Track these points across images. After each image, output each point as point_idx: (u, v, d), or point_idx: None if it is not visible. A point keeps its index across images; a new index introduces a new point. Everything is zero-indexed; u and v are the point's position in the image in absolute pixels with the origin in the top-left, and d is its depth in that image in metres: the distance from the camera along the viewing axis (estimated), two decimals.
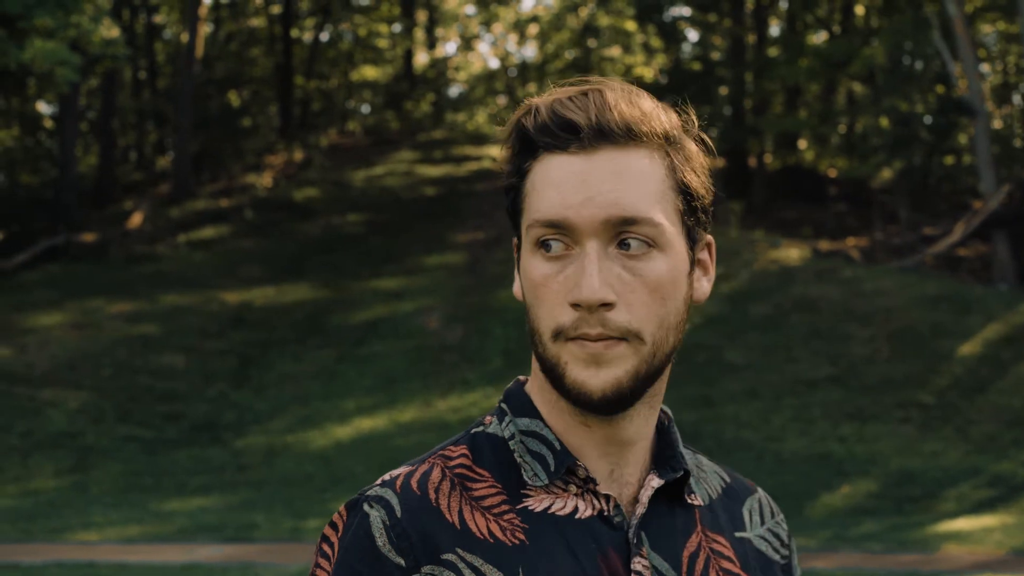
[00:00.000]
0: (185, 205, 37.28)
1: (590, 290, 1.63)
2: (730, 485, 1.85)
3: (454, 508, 1.72)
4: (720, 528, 1.79)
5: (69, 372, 26.18)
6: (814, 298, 28.20)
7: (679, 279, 1.69)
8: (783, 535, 1.89)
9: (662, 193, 1.67)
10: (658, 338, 1.67)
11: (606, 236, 1.65)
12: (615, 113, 1.67)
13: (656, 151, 1.68)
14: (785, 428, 23.33)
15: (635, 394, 1.67)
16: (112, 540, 17.05)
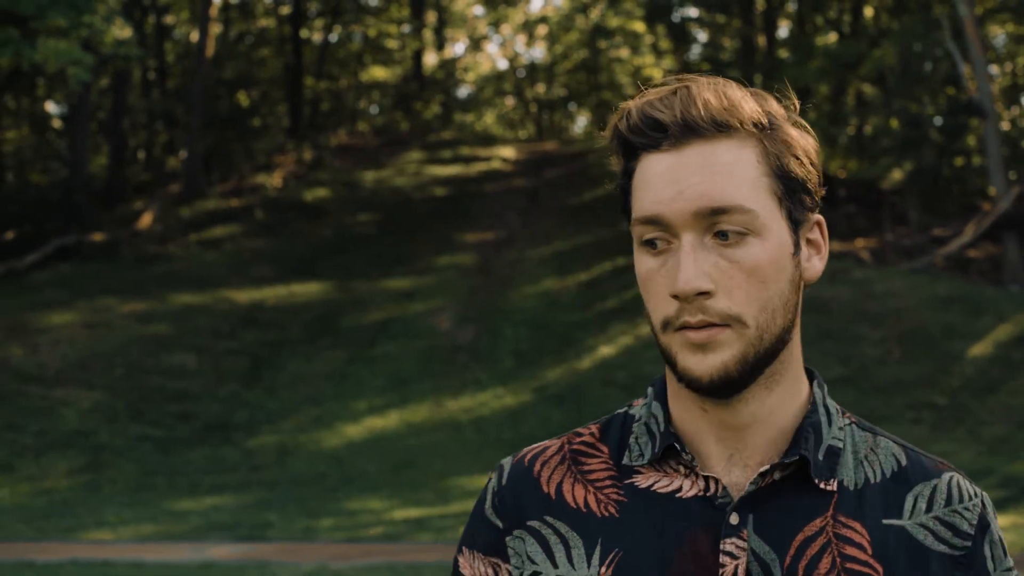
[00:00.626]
0: (195, 205, 37.31)
1: (684, 281, 1.69)
2: (904, 468, 1.82)
3: (554, 480, 1.86)
4: (863, 514, 1.78)
5: (81, 372, 26.22)
6: (825, 299, 28.20)
7: (780, 262, 1.74)
8: (962, 524, 1.79)
9: (754, 180, 1.73)
10: (762, 321, 1.72)
11: (700, 227, 1.72)
12: (700, 107, 1.73)
13: (747, 139, 1.75)
14: None
15: (745, 377, 1.74)
16: (126, 539, 17.09)
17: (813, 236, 1.81)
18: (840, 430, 1.82)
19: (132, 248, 33.98)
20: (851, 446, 1.82)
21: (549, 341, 28.06)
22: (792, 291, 1.76)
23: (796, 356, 1.81)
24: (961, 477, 1.83)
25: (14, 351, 26.75)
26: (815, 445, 1.78)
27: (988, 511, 1.83)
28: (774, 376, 1.78)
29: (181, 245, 34.44)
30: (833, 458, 1.79)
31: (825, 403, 1.84)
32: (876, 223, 36.00)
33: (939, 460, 1.85)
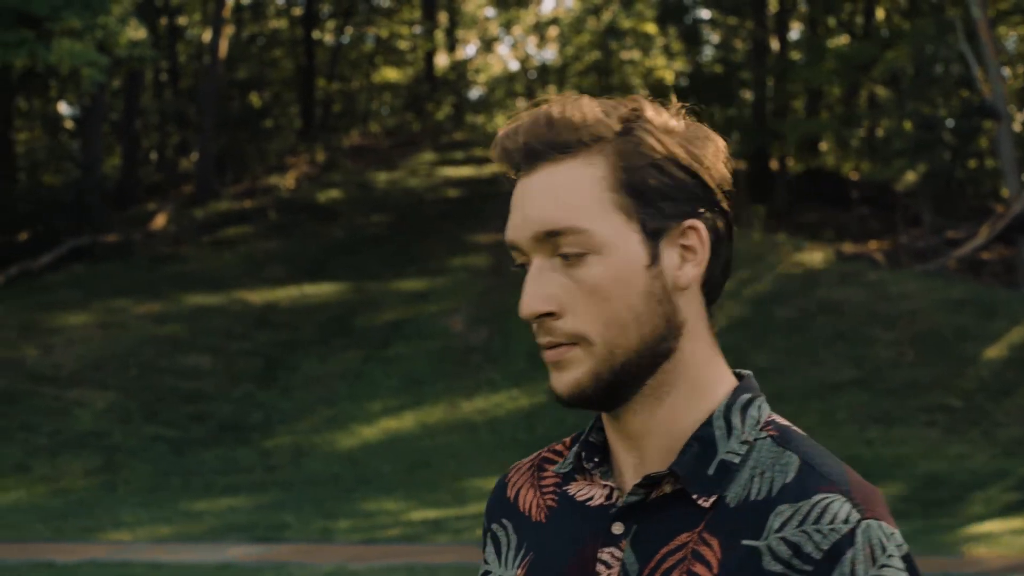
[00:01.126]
0: (208, 206, 37.35)
1: (524, 305, 1.73)
2: (785, 486, 1.70)
3: (517, 485, 1.94)
4: (725, 533, 1.70)
5: (95, 372, 26.25)
6: (838, 301, 28.19)
7: (625, 277, 1.72)
8: (806, 546, 1.65)
9: (595, 197, 1.73)
10: (608, 337, 1.72)
11: (545, 250, 1.74)
12: (541, 131, 1.75)
13: (593, 157, 1.74)
14: (811, 431, 23.13)
15: (603, 393, 1.73)
16: (143, 540, 17.12)
17: (688, 242, 1.76)
18: (743, 444, 1.76)
19: (145, 249, 34.02)
20: (753, 461, 1.75)
21: None
22: (649, 304, 1.74)
23: (694, 364, 1.79)
24: (843, 501, 1.67)
25: (28, 351, 26.78)
26: (700, 459, 1.75)
27: (856, 545, 1.65)
28: (662, 387, 1.76)
29: (194, 246, 34.46)
30: (723, 473, 1.74)
31: (728, 415, 1.78)
32: (889, 225, 35.97)
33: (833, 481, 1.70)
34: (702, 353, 1.79)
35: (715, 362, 1.82)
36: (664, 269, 1.74)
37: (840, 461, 1.75)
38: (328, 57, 48.86)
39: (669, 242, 1.75)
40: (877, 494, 1.72)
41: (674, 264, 1.75)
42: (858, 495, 1.69)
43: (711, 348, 1.81)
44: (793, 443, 1.76)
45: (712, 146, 1.80)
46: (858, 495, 1.69)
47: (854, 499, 1.68)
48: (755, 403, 1.82)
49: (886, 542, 1.65)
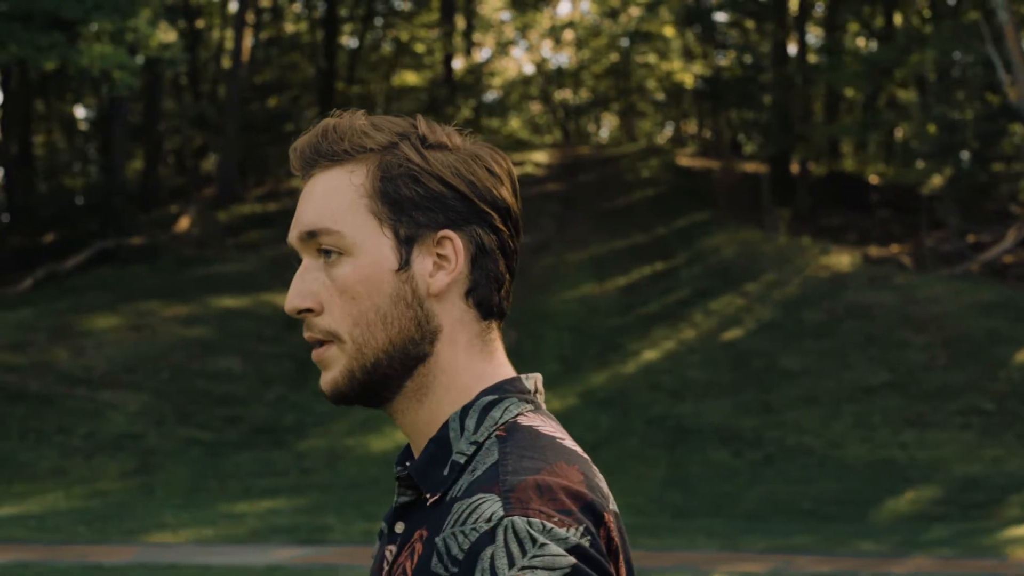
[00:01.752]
0: (232, 209, 37.36)
1: (287, 300, 1.84)
2: (471, 483, 1.74)
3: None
4: (432, 528, 1.76)
5: (127, 374, 26.25)
6: (867, 305, 28.17)
7: (373, 279, 1.80)
8: (453, 547, 1.69)
9: (350, 202, 1.82)
10: (356, 335, 1.80)
11: (310, 251, 1.85)
12: (316, 140, 1.87)
13: (356, 165, 1.84)
14: (846, 435, 23.32)
15: (357, 391, 1.82)
16: (187, 542, 17.09)
17: (444, 251, 1.83)
18: (472, 444, 1.79)
19: (170, 252, 34.03)
20: (477, 460, 1.78)
21: (592, 346, 28.06)
22: (397, 306, 1.81)
23: (449, 369, 1.83)
24: (493, 500, 1.68)
25: (59, 354, 26.78)
26: (435, 459, 1.81)
27: (496, 540, 1.65)
28: (420, 389, 1.83)
29: (219, 249, 34.48)
30: (454, 472, 1.79)
31: (464, 417, 1.81)
32: (910, 228, 35.94)
33: (501, 480, 1.71)
34: (462, 359, 1.83)
35: (478, 367, 1.84)
36: (415, 275, 1.82)
37: (549, 461, 1.73)
38: (347, 60, 48.85)
39: (423, 250, 1.82)
40: (557, 494, 1.69)
41: (426, 271, 1.82)
42: (517, 495, 1.68)
43: (473, 352, 1.85)
44: (508, 442, 1.77)
45: (482, 164, 1.87)
46: (517, 495, 1.68)
47: (508, 498, 1.67)
48: (501, 404, 1.82)
49: (537, 534, 1.64)
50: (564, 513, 1.68)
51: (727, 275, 31.07)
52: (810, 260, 31.14)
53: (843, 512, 19.57)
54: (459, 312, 1.84)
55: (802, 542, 17.29)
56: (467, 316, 1.84)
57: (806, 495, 20.48)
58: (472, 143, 1.90)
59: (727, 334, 27.94)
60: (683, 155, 45.76)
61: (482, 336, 1.86)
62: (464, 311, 1.84)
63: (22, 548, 16.31)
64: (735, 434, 23.55)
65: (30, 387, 25.41)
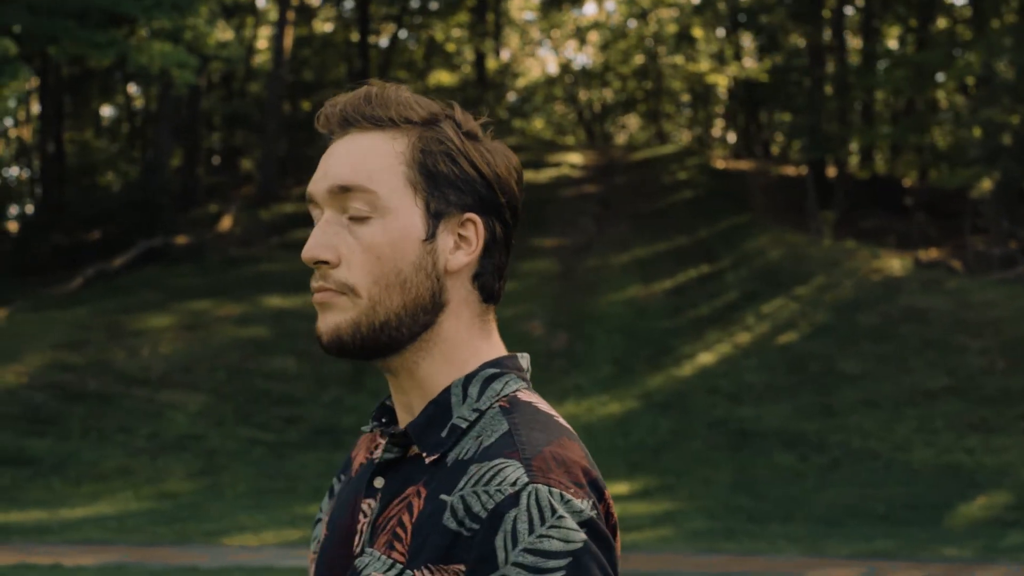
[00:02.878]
0: (273, 208, 37.34)
1: (306, 249, 1.92)
2: (483, 448, 1.86)
3: (359, 448, 2.16)
4: (434, 486, 1.86)
5: (185, 375, 26.21)
6: (922, 308, 28.10)
7: (400, 244, 1.90)
8: (475, 505, 1.80)
9: (389, 167, 1.91)
10: (374, 293, 1.89)
11: (336, 205, 1.92)
12: (360, 102, 1.95)
13: (398, 134, 1.94)
14: (910, 439, 23.25)
15: (358, 343, 1.91)
16: (271, 544, 17.04)
17: (465, 232, 1.94)
18: (474, 411, 1.91)
19: (216, 251, 34.00)
20: (479, 427, 1.90)
21: (644, 348, 28.00)
22: (417, 274, 1.91)
23: (450, 340, 1.94)
24: (516, 467, 1.80)
25: (116, 353, 26.73)
26: (434, 421, 1.91)
27: (520, 504, 1.77)
28: (419, 353, 1.93)
29: (263, 248, 34.44)
30: (452, 435, 1.90)
31: (467, 385, 1.93)
32: (947, 232, 35.89)
33: (520, 448, 1.83)
34: (463, 334, 1.95)
35: (475, 341, 1.96)
36: (438, 249, 1.92)
37: (555, 435, 1.87)
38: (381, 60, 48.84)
39: (447, 227, 1.93)
40: (571, 467, 1.82)
41: (448, 248, 1.93)
42: (538, 463, 1.80)
43: (474, 329, 1.96)
44: (514, 414, 1.90)
45: (505, 160, 1.98)
46: (538, 463, 1.80)
47: (530, 466, 1.79)
48: (501, 378, 1.95)
49: (556, 504, 1.76)
50: (578, 485, 1.81)
51: (775, 278, 31.01)
52: (859, 263, 31.07)
53: (917, 517, 19.50)
54: (465, 292, 1.95)
55: (884, 547, 17.25)
56: (471, 297, 1.96)
57: (877, 499, 20.41)
58: (493, 139, 2.00)
59: (782, 337, 27.87)
60: (718, 157, 45.74)
61: (482, 317, 1.97)
62: (470, 291, 1.96)
63: (107, 550, 16.27)
64: (798, 438, 23.49)
65: (89, 386, 25.37)
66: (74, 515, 19.01)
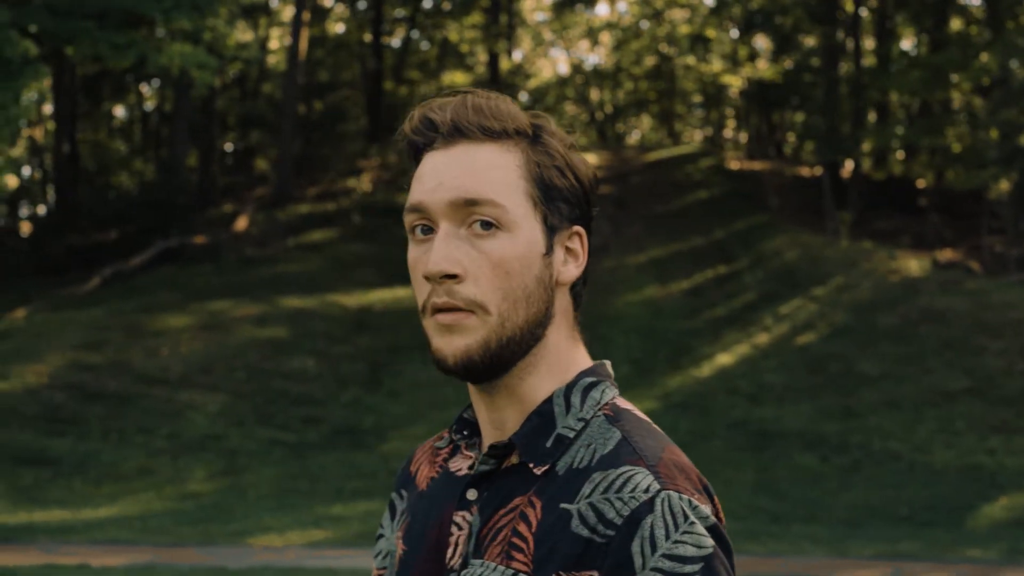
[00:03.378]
0: (289, 209, 37.35)
1: (433, 263, 1.85)
2: (602, 457, 1.86)
3: (419, 461, 2.16)
4: (549, 497, 1.86)
5: (203, 375, 26.21)
6: (941, 310, 28.06)
7: (527, 258, 1.88)
8: (608, 512, 1.81)
9: (511, 181, 1.89)
10: (503, 310, 1.87)
11: (457, 218, 1.88)
12: (471, 112, 1.92)
13: (511, 146, 1.91)
14: (931, 440, 23.22)
15: (487, 363, 1.88)
16: (297, 545, 17.03)
17: (572, 245, 1.95)
18: (579, 420, 1.91)
19: (232, 251, 34.01)
20: (585, 436, 1.90)
21: (662, 349, 27.99)
22: (539, 288, 1.90)
23: (554, 351, 1.94)
24: (645, 474, 1.82)
25: (135, 353, 26.74)
26: (539, 431, 1.91)
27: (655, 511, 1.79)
28: (527, 368, 1.92)
29: (279, 248, 34.46)
30: (558, 445, 1.90)
31: (569, 395, 1.93)
32: (961, 232, 35.86)
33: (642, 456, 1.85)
34: (563, 344, 1.95)
35: (572, 351, 1.97)
36: (554, 263, 1.92)
37: (664, 441, 1.89)
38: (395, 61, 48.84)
39: (559, 240, 1.93)
40: (690, 473, 1.85)
41: (560, 261, 1.93)
42: (663, 470, 1.82)
43: (570, 339, 1.97)
44: (621, 421, 1.91)
45: (590, 171, 1.98)
46: (663, 470, 1.82)
47: (657, 473, 1.81)
48: (599, 387, 1.96)
49: (687, 511, 1.79)
50: (698, 491, 1.84)
51: (792, 279, 30.99)
52: (877, 264, 31.04)
53: (940, 518, 19.47)
54: (565, 303, 1.96)
55: (908, 548, 17.22)
56: (568, 307, 1.97)
57: (900, 501, 20.38)
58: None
59: (801, 338, 27.85)
60: (731, 158, 45.72)
61: (573, 326, 1.98)
62: (567, 302, 1.96)
63: (133, 550, 16.27)
64: (819, 439, 23.47)
65: (108, 386, 25.38)
66: (97, 515, 19.01)
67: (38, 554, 15.78)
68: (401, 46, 49.55)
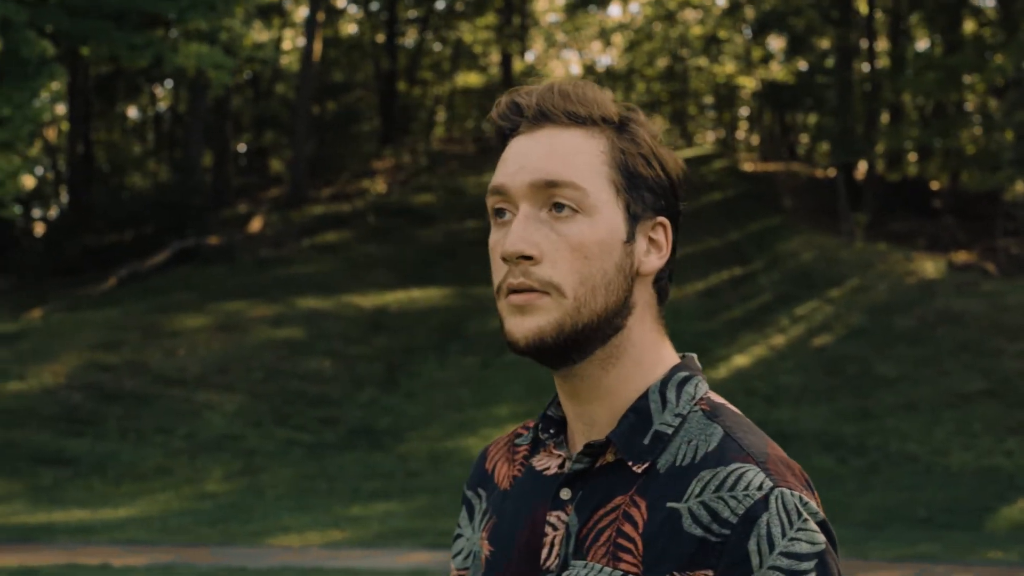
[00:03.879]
0: (304, 209, 37.37)
1: (510, 243, 1.84)
2: (708, 454, 1.85)
3: (495, 459, 2.14)
4: (653, 495, 1.85)
5: (220, 375, 26.24)
6: (957, 311, 28.04)
7: (606, 244, 1.87)
8: (723, 511, 1.79)
9: (594, 166, 1.89)
10: (580, 294, 1.85)
11: (537, 200, 1.88)
12: (556, 97, 1.92)
13: (597, 132, 1.91)
14: (948, 442, 23.19)
15: (560, 346, 1.85)
16: (315, 545, 17.04)
17: (656, 236, 1.93)
18: (676, 416, 1.89)
19: (247, 252, 34.04)
20: (684, 432, 1.89)
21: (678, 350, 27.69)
22: (619, 275, 1.88)
23: (639, 344, 1.92)
24: (756, 471, 1.81)
25: (152, 354, 26.78)
26: (636, 428, 1.89)
27: (770, 508, 1.78)
28: (609, 359, 1.90)
29: (294, 249, 34.49)
30: (657, 442, 1.88)
31: (664, 391, 1.91)
32: (975, 234, 35.81)
33: (750, 453, 1.84)
34: (648, 336, 1.93)
35: (659, 345, 1.95)
36: (635, 252, 1.91)
37: (764, 436, 1.88)
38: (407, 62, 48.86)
39: (642, 230, 1.91)
40: (795, 469, 1.84)
41: (642, 251, 1.92)
42: (772, 466, 1.82)
43: (656, 333, 1.95)
44: (720, 417, 1.89)
45: (678, 165, 1.96)
46: (772, 466, 1.82)
47: (768, 469, 1.81)
48: (692, 381, 1.94)
49: (800, 508, 1.78)
50: (806, 488, 1.83)
51: (808, 280, 30.98)
52: (893, 266, 31.02)
53: (959, 520, 19.43)
54: (648, 294, 1.93)
55: (928, 550, 17.18)
56: (652, 300, 1.94)
57: (918, 503, 20.35)
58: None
59: (817, 340, 27.84)
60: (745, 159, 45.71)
61: (659, 319, 1.97)
62: (651, 295, 1.94)
63: (155, 550, 16.30)
64: (837, 441, 23.45)
65: (126, 386, 25.43)
66: (117, 515, 19.05)
67: (59, 553, 15.81)
68: (414, 47, 49.56)
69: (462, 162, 42.61)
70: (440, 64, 51.18)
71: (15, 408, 24.42)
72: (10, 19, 22.74)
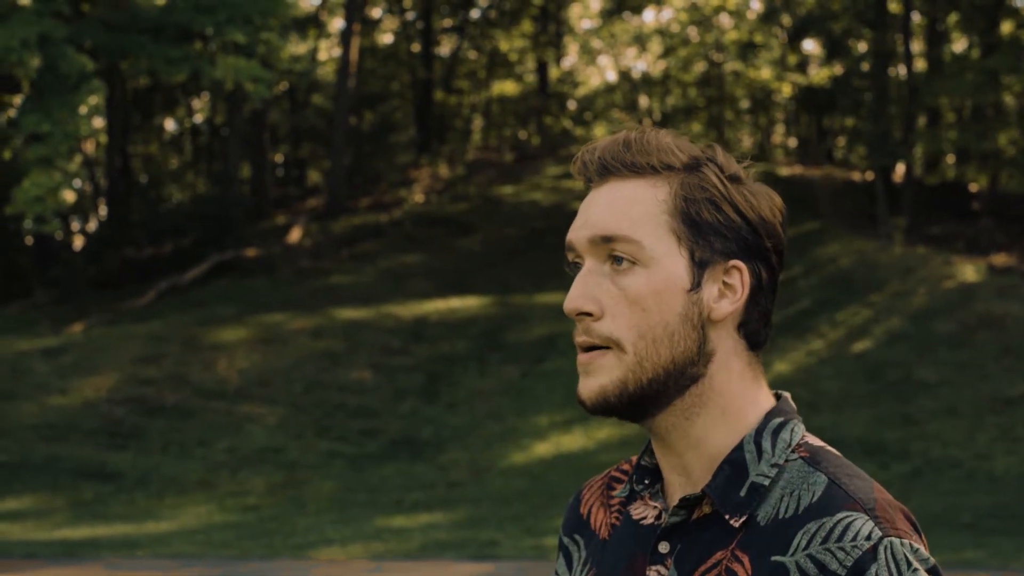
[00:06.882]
0: (342, 220, 37.45)
1: (568, 300, 1.88)
2: (811, 505, 1.82)
3: (589, 503, 2.11)
4: (756, 550, 1.82)
5: (261, 388, 26.33)
6: (999, 315, 27.91)
7: (665, 295, 1.86)
8: (831, 563, 1.76)
9: (653, 216, 1.88)
10: (640, 348, 1.85)
11: (598, 254, 1.89)
12: (615, 150, 1.92)
13: (659, 181, 1.90)
14: (992, 447, 23.08)
15: (626, 403, 1.86)
16: (360, 557, 17.05)
17: (731, 280, 1.90)
18: (773, 467, 1.87)
19: (286, 263, 34.14)
20: (783, 482, 1.87)
21: None
22: (684, 325, 1.87)
23: (724, 392, 1.90)
24: (864, 519, 1.78)
25: (193, 367, 26.89)
26: (732, 481, 1.87)
27: (879, 559, 1.75)
28: (691, 408, 1.88)
29: (334, 260, 34.57)
30: (754, 494, 1.86)
31: (759, 440, 1.89)
32: (1015, 237, 35.62)
33: (857, 499, 1.80)
34: (736, 385, 1.91)
35: (750, 391, 1.92)
36: (703, 298, 1.88)
37: (870, 480, 1.85)
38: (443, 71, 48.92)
39: (712, 276, 1.89)
40: (902, 512, 1.82)
41: (712, 297, 1.88)
42: (881, 513, 1.78)
43: (745, 380, 1.92)
44: (823, 463, 1.87)
45: (769, 202, 1.94)
46: (881, 513, 1.78)
47: (877, 517, 1.78)
48: (787, 426, 1.91)
49: (910, 557, 1.75)
50: (915, 533, 1.81)
51: (848, 285, 30.88)
52: (933, 270, 30.89)
53: (1004, 526, 19.32)
54: (732, 341, 1.90)
55: (974, 557, 17.09)
56: (739, 346, 1.91)
57: (962, 508, 20.25)
58: (755, 179, 1.98)
59: (857, 345, 27.75)
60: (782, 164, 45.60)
61: (751, 365, 1.93)
62: (736, 341, 1.91)
63: (201, 564, 16.33)
64: (879, 446, 23.37)
65: (167, 400, 25.53)
66: (160, 529, 19.11)
67: (106, 569, 15.86)
68: (450, 56, 49.60)
69: (499, 170, 42.62)
70: (476, 73, 51.18)
71: (57, 423, 24.56)
72: (49, 36, 22.91)
